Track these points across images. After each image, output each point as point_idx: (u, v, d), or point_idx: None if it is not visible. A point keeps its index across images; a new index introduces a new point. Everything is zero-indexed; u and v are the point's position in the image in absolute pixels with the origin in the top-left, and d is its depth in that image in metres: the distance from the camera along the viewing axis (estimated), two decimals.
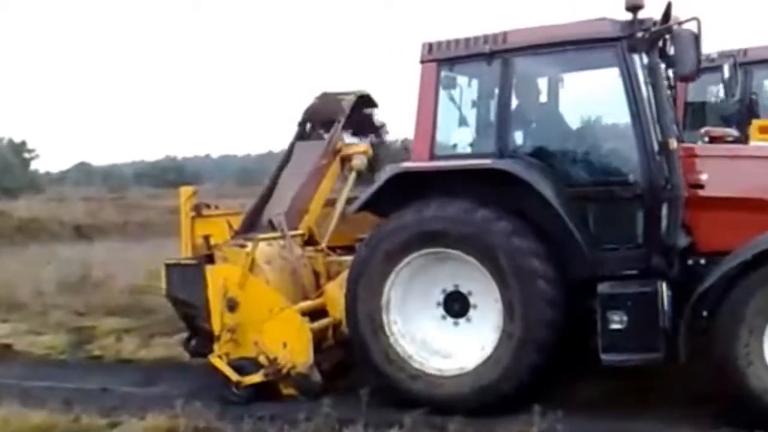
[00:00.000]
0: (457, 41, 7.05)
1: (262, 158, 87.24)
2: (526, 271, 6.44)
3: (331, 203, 9.21)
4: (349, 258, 8.13)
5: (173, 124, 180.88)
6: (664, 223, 6.46)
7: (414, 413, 6.35)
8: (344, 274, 7.77)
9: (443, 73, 7.11)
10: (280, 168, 9.30)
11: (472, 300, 6.89)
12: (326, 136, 9.34)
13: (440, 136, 7.14)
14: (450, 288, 6.93)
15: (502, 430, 6.06)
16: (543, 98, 7.34)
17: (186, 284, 7.86)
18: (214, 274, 7.62)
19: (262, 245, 7.75)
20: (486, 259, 6.56)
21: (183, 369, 8.80)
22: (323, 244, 8.70)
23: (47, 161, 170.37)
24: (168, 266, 8.09)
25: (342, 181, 9.46)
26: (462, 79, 7.29)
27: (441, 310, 6.97)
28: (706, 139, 7.58)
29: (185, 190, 9.36)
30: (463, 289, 6.90)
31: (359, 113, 9.83)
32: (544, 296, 6.44)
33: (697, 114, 9.50)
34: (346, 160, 9.30)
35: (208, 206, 9.21)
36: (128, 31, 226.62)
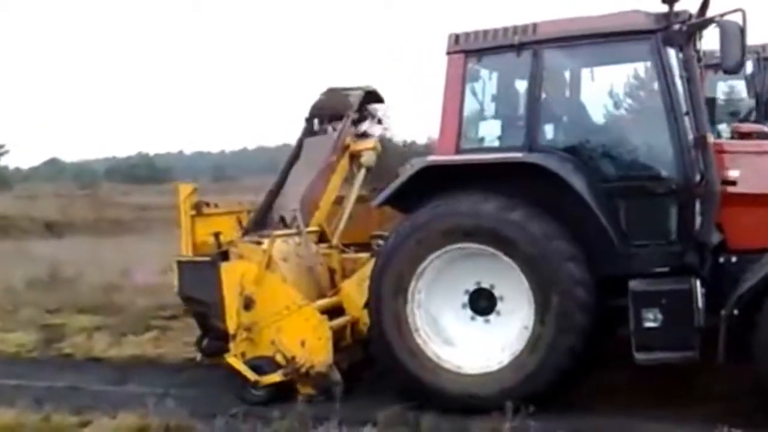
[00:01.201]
0: (485, 32, 6.88)
1: (236, 155, 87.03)
2: (569, 317, 6.27)
3: (338, 200, 9.01)
4: (364, 255, 7.97)
5: (145, 120, 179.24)
6: (698, 219, 6.35)
7: (388, 410, 6.31)
8: (361, 272, 7.65)
9: (470, 65, 6.94)
10: (289, 164, 9.05)
11: (499, 305, 6.75)
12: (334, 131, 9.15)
13: (466, 129, 6.98)
14: (485, 285, 6.77)
15: (476, 427, 6.01)
16: (574, 91, 7.18)
17: (199, 282, 7.62)
18: (229, 272, 7.37)
19: (277, 242, 7.52)
20: (540, 289, 6.37)
21: (154, 367, 8.80)
22: (334, 241, 8.51)
23: (17, 157, 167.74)
24: (180, 264, 7.86)
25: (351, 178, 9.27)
26: (489, 71, 7.11)
27: (465, 299, 6.81)
28: (727, 134, 7.50)
29: (184, 188, 9.08)
30: (497, 292, 6.75)
31: (365, 109, 9.65)
32: (574, 348, 6.31)
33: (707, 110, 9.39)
34: (355, 157, 9.10)
35: (207, 204, 9.01)
36: (99, 26, 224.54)
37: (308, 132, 9.27)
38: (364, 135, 9.54)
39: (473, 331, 6.79)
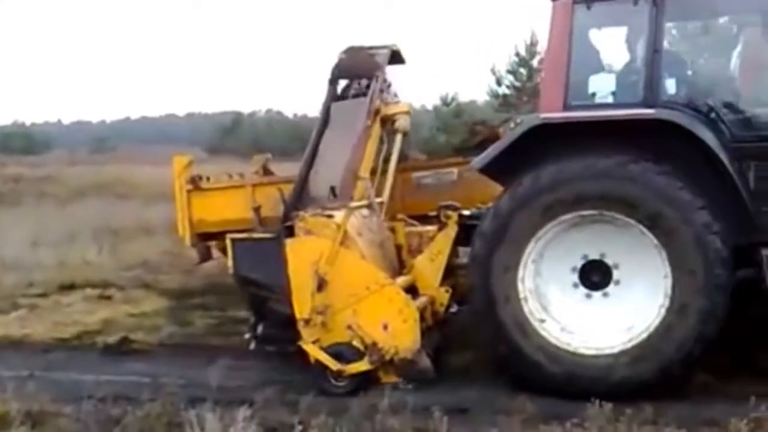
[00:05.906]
0: None
1: (118, 125, 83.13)
2: (709, 301, 5.71)
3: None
4: (430, 228, 7.19)
5: (22, 88, 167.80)
6: None
7: (266, 390, 6.08)
8: (432, 247, 6.96)
9: (578, 13, 6.24)
10: (320, 132, 8.25)
11: (616, 274, 6.09)
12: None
13: (574, 84, 6.28)
14: (593, 256, 6.11)
15: (355, 406, 5.73)
16: (698, 42, 6.64)
17: (258, 262, 6.73)
18: (297, 249, 6.47)
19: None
20: (677, 266, 5.77)
21: (17, 349, 8.19)
22: (382, 214, 7.70)
23: None
24: (235, 242, 6.91)
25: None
26: (602, 20, 6.44)
27: (575, 277, 6.16)
28: None
29: (179, 160, 8.49)
30: (610, 260, 6.09)
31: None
32: (711, 337, 5.78)
33: None
34: (386, 121, 8.29)
35: (200, 177, 8.46)
36: None
37: (333, 95, 8.46)
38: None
39: (593, 308, 6.14)
